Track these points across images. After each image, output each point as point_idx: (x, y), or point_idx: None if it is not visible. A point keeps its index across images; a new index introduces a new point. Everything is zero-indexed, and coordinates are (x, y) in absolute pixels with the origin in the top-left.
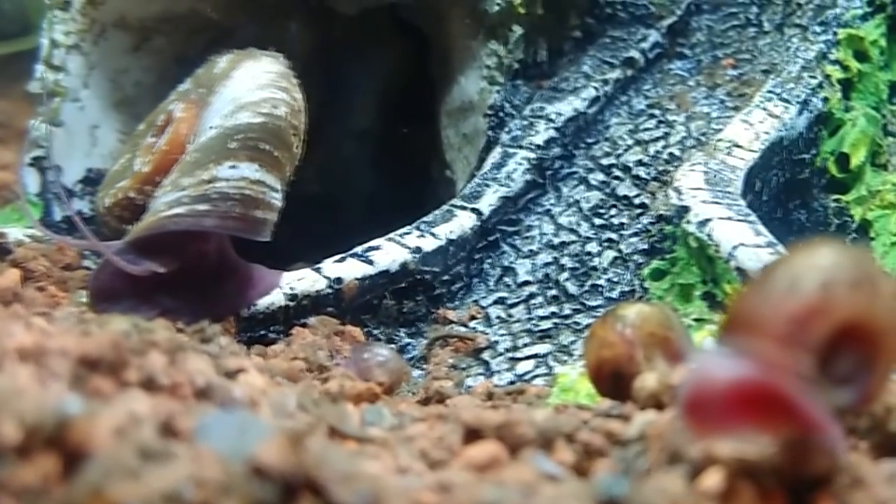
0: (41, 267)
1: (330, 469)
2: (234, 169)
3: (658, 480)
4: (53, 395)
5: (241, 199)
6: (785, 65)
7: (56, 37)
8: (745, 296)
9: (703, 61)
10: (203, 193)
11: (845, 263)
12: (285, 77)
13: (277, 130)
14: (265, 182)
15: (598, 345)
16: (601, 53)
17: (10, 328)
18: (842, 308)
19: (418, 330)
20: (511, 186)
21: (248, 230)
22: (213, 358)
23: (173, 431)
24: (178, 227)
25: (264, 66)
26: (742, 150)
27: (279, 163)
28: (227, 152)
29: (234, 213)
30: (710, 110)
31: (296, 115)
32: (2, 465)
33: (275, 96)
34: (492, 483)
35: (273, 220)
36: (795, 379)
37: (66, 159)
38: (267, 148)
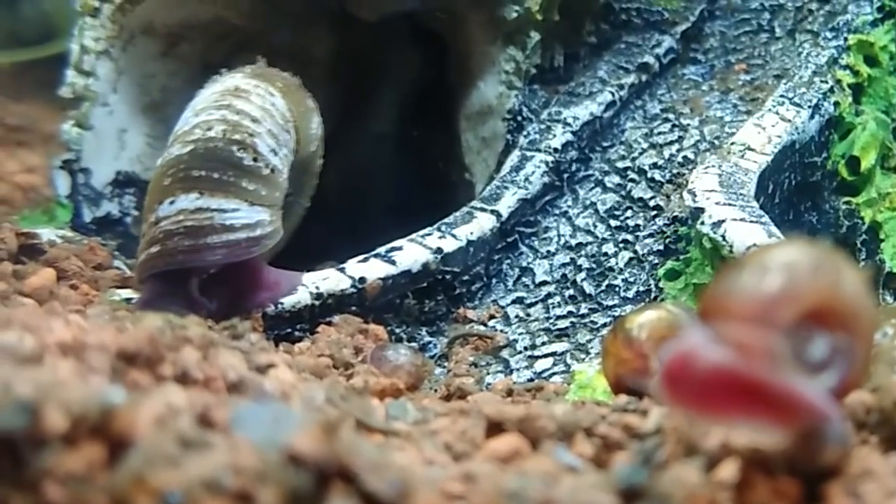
0: (74, 266)
1: (361, 458)
2: (172, 204)
3: (675, 471)
4: (96, 386)
5: (184, 231)
6: (796, 70)
7: (86, 43)
8: (719, 284)
9: (717, 66)
10: (153, 236)
11: (809, 254)
12: (234, 92)
13: (211, 152)
14: (209, 207)
15: (614, 363)
16: (616, 59)
17: (49, 324)
18: (807, 292)
19: (439, 329)
20: (529, 189)
21: (203, 259)
22: (244, 353)
23: (210, 422)
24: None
25: (214, 88)
26: (755, 153)
27: (225, 183)
28: (164, 189)
29: (183, 246)
30: (724, 114)
31: (237, 129)
32: (49, 452)
33: (209, 118)
34: (515, 473)
35: (242, 238)
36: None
37: (96, 162)
38: (202, 174)
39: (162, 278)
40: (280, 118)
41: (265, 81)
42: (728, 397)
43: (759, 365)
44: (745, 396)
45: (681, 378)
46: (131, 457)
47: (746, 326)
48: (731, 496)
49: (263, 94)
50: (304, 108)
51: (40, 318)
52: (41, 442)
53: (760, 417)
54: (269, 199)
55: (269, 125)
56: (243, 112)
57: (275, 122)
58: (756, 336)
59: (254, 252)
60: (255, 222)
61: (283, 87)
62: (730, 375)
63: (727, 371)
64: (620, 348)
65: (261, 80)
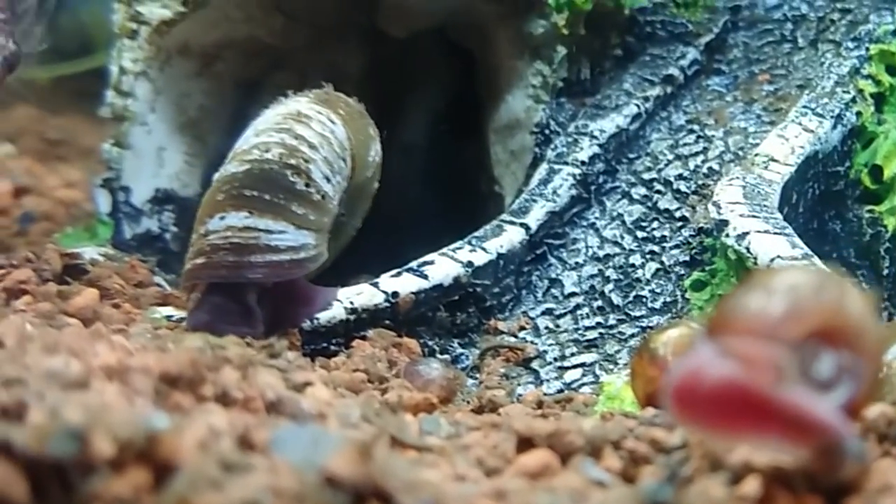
0: (116, 285)
1: (395, 478)
2: (222, 220)
3: (700, 486)
4: (140, 410)
5: (230, 247)
6: (819, 80)
7: (124, 64)
8: (725, 303)
9: (740, 77)
10: (200, 248)
11: (814, 276)
12: (296, 116)
13: (265, 174)
14: (257, 227)
15: (643, 383)
16: (641, 71)
17: (95, 347)
18: (812, 310)
19: (471, 340)
20: (557, 201)
21: (245, 275)
22: (281, 372)
23: (250, 444)
24: (186, 283)
25: (278, 110)
26: (778, 164)
27: (275, 205)
28: (216, 204)
29: (227, 262)
30: (748, 125)
31: (294, 153)
32: (97, 478)
33: (268, 140)
34: (544, 490)
35: (285, 261)
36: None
37: (135, 180)
38: (254, 194)
39: (221, 292)
40: (337, 146)
41: (328, 108)
42: (735, 411)
43: (765, 377)
44: (753, 410)
45: (688, 394)
46: (176, 481)
47: (752, 340)
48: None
49: (324, 121)
50: (363, 136)
51: (86, 342)
52: (90, 468)
53: (770, 432)
54: (316, 224)
55: (325, 152)
56: (302, 138)
57: (332, 150)
58: (761, 349)
59: (295, 274)
60: (300, 245)
61: (346, 115)
62: (736, 389)
63: (733, 384)
64: (647, 367)
65: (324, 106)
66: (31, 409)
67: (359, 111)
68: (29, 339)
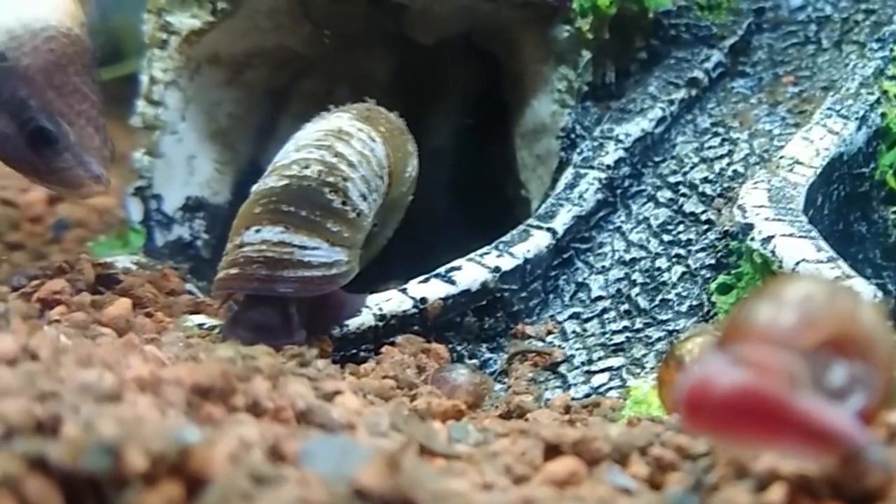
0: (148, 294)
1: (424, 490)
2: (258, 233)
3: (726, 494)
4: (173, 423)
5: (263, 261)
6: (843, 81)
7: (155, 73)
8: (738, 313)
9: (765, 79)
10: (234, 258)
11: (826, 286)
12: (337, 133)
13: (303, 191)
14: (291, 242)
15: (670, 390)
16: (666, 74)
17: (128, 360)
18: (825, 320)
19: (499, 345)
20: (583, 205)
21: (276, 289)
22: (311, 381)
23: (280, 455)
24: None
25: (319, 125)
26: (803, 166)
27: (311, 222)
28: (253, 217)
29: (260, 275)
30: (772, 127)
31: (333, 171)
32: (130, 491)
33: (308, 156)
34: (572, 499)
35: (317, 276)
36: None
37: (167, 189)
38: (291, 209)
39: (261, 307)
40: (376, 164)
41: (370, 125)
42: (748, 418)
43: (777, 384)
44: (765, 417)
45: (698, 402)
46: (208, 494)
47: (765, 348)
48: None
49: (365, 140)
50: (402, 154)
51: (119, 353)
52: (123, 482)
53: (783, 439)
54: (349, 241)
55: (363, 171)
56: (342, 156)
57: (370, 169)
58: (775, 356)
59: (326, 290)
60: (333, 262)
61: (386, 132)
62: (748, 395)
63: (745, 391)
64: (674, 375)
65: (366, 123)
66: (65, 423)
67: (399, 127)
68: (63, 351)
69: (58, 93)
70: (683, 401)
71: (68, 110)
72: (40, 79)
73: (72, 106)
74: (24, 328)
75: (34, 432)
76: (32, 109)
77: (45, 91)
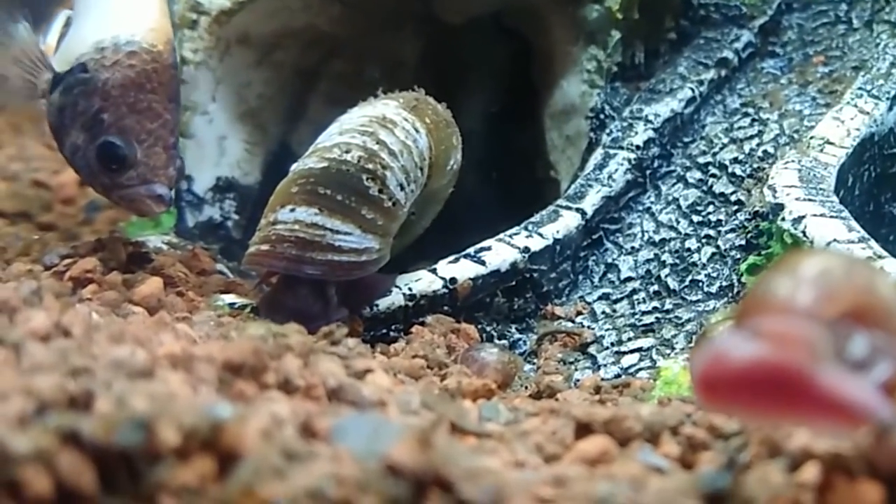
0: (180, 273)
1: (456, 466)
2: (292, 212)
3: (759, 473)
4: (205, 400)
5: (294, 241)
6: (874, 61)
7: (185, 54)
8: (759, 286)
9: (795, 59)
10: (266, 235)
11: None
12: (382, 120)
13: (341, 175)
14: (324, 225)
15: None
16: (696, 54)
17: (159, 336)
18: (844, 290)
19: (528, 325)
20: (613, 186)
21: (304, 270)
22: (342, 359)
23: (312, 432)
24: (246, 264)
25: (365, 111)
26: (834, 146)
27: (346, 207)
28: (289, 196)
29: (290, 254)
30: (802, 108)
31: (373, 158)
32: (163, 466)
33: (351, 141)
34: (604, 477)
35: (346, 261)
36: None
37: (197, 169)
38: (327, 192)
39: (300, 291)
40: (417, 156)
41: (415, 115)
42: (767, 392)
43: (798, 355)
44: (785, 389)
45: (714, 380)
46: (240, 469)
47: (785, 319)
48: (814, 498)
49: (409, 130)
50: (445, 146)
51: (150, 331)
52: (156, 456)
53: (804, 412)
54: (382, 230)
55: (404, 161)
56: (383, 143)
57: (411, 159)
58: (795, 327)
59: (354, 275)
60: (363, 248)
61: (431, 124)
62: (766, 368)
63: (763, 363)
64: None
65: (412, 112)
66: (98, 399)
67: (446, 119)
68: (95, 328)
69: (131, 109)
70: (698, 377)
71: (139, 128)
72: (116, 94)
73: (143, 124)
74: (56, 305)
75: (67, 407)
76: (104, 124)
77: (119, 107)
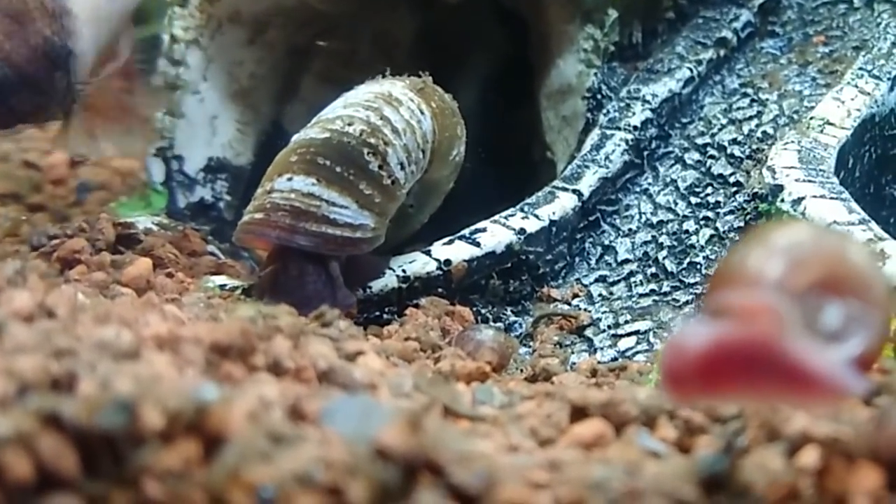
0: (169, 254)
1: (447, 450)
2: (289, 181)
3: (757, 457)
4: (190, 382)
5: (289, 209)
6: (875, 41)
7: (176, 32)
8: (727, 260)
9: (795, 39)
10: (261, 203)
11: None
12: (387, 97)
13: (343, 146)
14: (321, 196)
15: None
16: (694, 34)
17: (146, 317)
18: (813, 259)
19: (524, 308)
20: (610, 167)
21: (297, 241)
22: (333, 341)
23: (300, 414)
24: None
25: (371, 87)
26: (834, 127)
27: (344, 179)
28: (287, 165)
29: (283, 223)
30: (802, 88)
31: (375, 133)
32: (147, 450)
33: (354, 114)
34: (599, 462)
35: (339, 236)
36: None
37: (189, 149)
38: (327, 163)
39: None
40: (420, 137)
41: (421, 97)
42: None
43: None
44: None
45: (677, 374)
46: (226, 453)
47: (751, 291)
48: (813, 483)
49: (414, 109)
50: (449, 134)
51: (137, 312)
52: (140, 439)
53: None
54: (379, 208)
55: (407, 139)
56: (387, 119)
57: (413, 139)
58: (761, 298)
59: (346, 251)
60: (358, 224)
61: (437, 109)
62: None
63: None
64: None
65: (418, 94)
66: (81, 380)
67: (451, 108)
68: (81, 309)
69: None
70: (663, 376)
71: None
72: None
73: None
74: (41, 286)
75: (49, 389)
76: None
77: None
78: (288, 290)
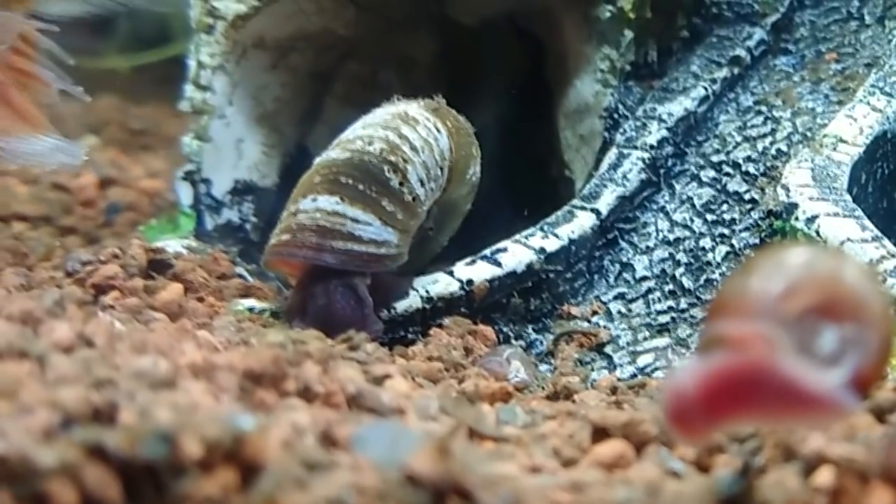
0: (200, 278)
1: (474, 474)
2: (314, 201)
3: (774, 477)
4: (227, 410)
5: (315, 229)
6: (887, 58)
7: (202, 58)
8: (725, 288)
9: (807, 56)
10: (288, 225)
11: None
12: (404, 117)
13: (364, 165)
14: (345, 214)
15: None
16: (708, 53)
17: (181, 346)
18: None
19: (544, 326)
20: (627, 186)
21: (324, 259)
22: (361, 364)
23: (332, 440)
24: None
25: (388, 109)
26: (847, 144)
27: (367, 197)
28: (311, 186)
29: (310, 242)
30: (815, 105)
31: (395, 151)
32: (187, 478)
33: (373, 134)
34: (621, 482)
35: (365, 252)
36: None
37: (216, 172)
38: (349, 182)
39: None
40: (438, 154)
41: (437, 117)
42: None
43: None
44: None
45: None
46: (262, 480)
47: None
48: (828, 502)
49: (430, 128)
50: (465, 153)
51: (173, 339)
52: (180, 468)
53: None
54: (402, 224)
55: (425, 157)
56: (405, 138)
57: (431, 157)
58: (752, 327)
59: (372, 268)
60: (382, 241)
61: (452, 129)
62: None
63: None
64: None
65: (433, 114)
66: (121, 410)
67: (466, 129)
68: (118, 338)
69: None
70: (666, 419)
71: None
72: None
73: None
74: (79, 315)
75: (91, 420)
76: None
77: None
78: (317, 314)
